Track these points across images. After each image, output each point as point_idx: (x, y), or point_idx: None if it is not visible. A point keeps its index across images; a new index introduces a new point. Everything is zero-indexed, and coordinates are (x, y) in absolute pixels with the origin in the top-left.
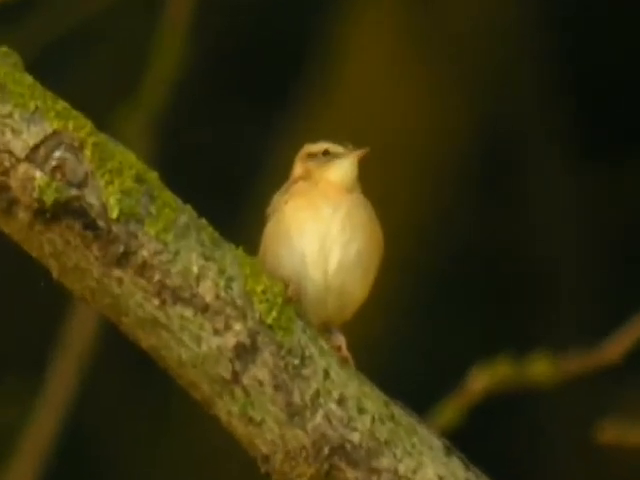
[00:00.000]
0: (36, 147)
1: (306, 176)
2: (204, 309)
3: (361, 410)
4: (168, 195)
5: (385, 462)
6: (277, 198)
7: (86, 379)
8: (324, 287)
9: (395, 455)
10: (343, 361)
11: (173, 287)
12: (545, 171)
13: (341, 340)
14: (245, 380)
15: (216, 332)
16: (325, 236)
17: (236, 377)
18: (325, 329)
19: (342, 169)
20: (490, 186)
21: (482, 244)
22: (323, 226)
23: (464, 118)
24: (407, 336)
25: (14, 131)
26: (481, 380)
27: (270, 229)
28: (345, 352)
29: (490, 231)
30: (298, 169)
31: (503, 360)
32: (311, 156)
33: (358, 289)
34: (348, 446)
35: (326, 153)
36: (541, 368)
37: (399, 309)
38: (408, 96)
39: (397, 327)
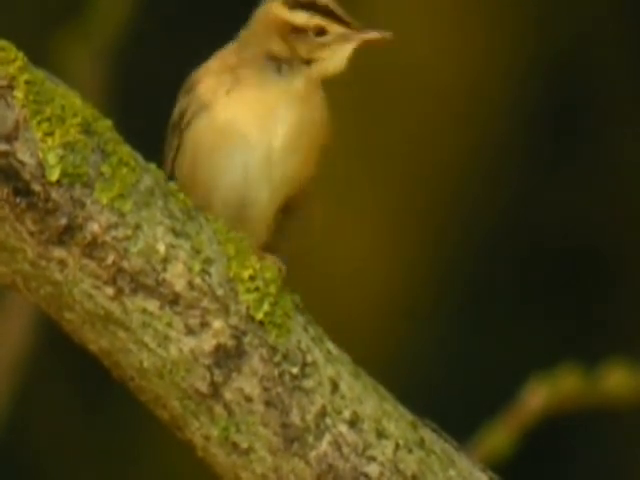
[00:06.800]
0: None
1: (283, 54)
2: (173, 301)
3: (381, 434)
4: (126, 150)
5: None
6: (212, 77)
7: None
8: (266, 205)
9: None
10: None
11: (132, 272)
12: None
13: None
14: (228, 394)
15: (189, 331)
16: (270, 148)
17: (216, 390)
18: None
19: (343, 59)
20: (548, 146)
21: (535, 221)
22: (269, 136)
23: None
24: (438, 339)
25: None
26: (540, 396)
27: (204, 128)
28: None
29: (550, 206)
30: (272, 40)
31: (568, 370)
32: (297, 31)
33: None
34: None
35: (321, 32)
36: (618, 379)
37: (427, 302)
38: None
39: (425, 327)
